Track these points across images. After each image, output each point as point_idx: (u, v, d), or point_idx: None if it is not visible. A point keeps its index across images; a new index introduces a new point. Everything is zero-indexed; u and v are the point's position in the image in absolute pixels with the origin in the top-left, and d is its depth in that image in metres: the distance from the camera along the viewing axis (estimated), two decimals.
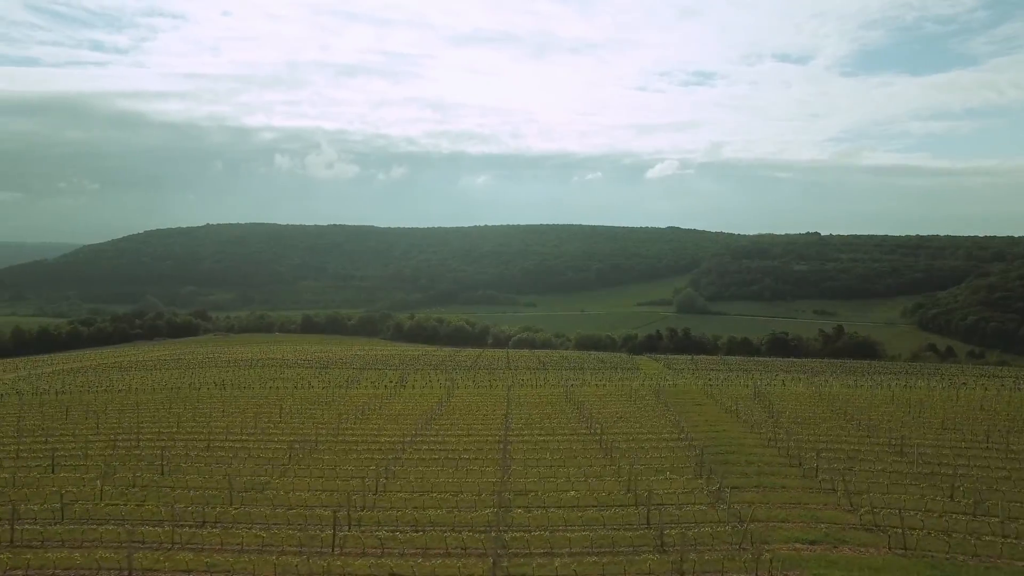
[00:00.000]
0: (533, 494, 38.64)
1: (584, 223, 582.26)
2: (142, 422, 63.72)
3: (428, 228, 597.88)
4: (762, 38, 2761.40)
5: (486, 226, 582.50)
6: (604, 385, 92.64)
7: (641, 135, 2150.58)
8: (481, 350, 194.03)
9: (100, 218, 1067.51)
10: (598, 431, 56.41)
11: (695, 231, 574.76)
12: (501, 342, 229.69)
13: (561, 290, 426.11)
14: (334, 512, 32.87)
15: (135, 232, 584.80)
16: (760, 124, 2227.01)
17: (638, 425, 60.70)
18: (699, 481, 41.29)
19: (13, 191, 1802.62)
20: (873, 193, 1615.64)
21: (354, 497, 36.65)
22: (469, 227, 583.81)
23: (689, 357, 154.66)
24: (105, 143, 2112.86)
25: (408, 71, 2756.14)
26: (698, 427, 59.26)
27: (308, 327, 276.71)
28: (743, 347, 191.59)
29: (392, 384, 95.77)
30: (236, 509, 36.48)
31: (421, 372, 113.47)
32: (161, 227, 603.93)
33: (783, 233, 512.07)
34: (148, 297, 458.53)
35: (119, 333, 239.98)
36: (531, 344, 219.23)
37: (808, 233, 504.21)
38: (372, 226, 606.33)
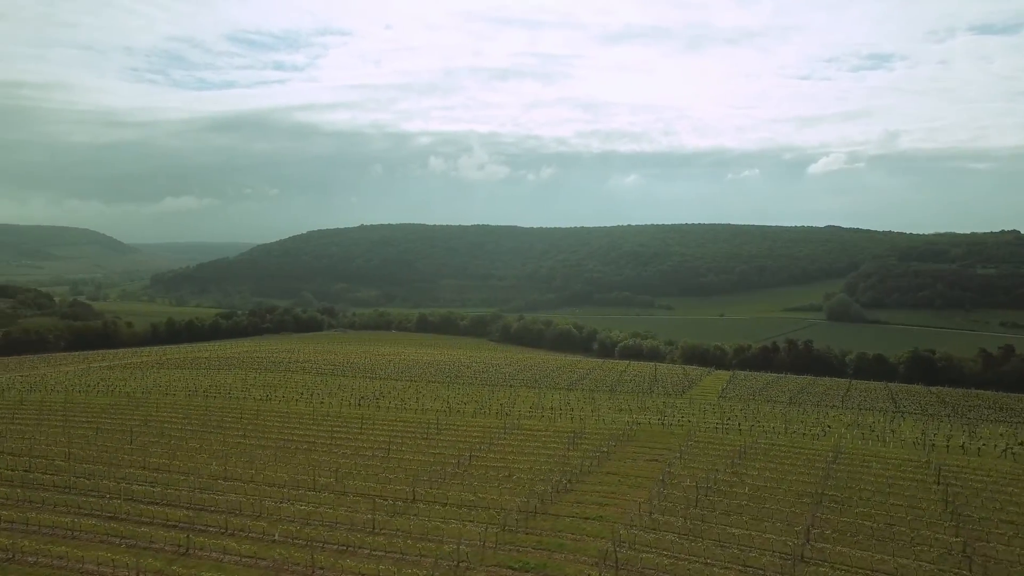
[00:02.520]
0: None
1: (734, 222, 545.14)
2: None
3: (569, 228, 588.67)
4: (955, 9, 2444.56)
5: (627, 226, 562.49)
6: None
7: (804, 128, 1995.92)
8: (581, 359, 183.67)
9: (276, 220, 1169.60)
10: None
11: (858, 230, 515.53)
12: (607, 349, 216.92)
13: (701, 293, 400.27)
14: None
15: (299, 233, 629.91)
16: (949, 108, 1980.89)
17: None
18: None
19: (212, 198, 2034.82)
20: None
21: None
22: (611, 227, 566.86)
23: (808, 378, 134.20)
24: (284, 152, 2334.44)
25: (559, 72, 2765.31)
26: None
27: (423, 326, 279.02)
28: (876, 366, 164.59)
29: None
30: None
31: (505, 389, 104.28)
32: (322, 228, 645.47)
33: (967, 232, 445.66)
34: (304, 293, 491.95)
35: (252, 327, 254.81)
36: (637, 352, 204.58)
37: (1002, 231, 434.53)
38: (515, 226, 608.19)
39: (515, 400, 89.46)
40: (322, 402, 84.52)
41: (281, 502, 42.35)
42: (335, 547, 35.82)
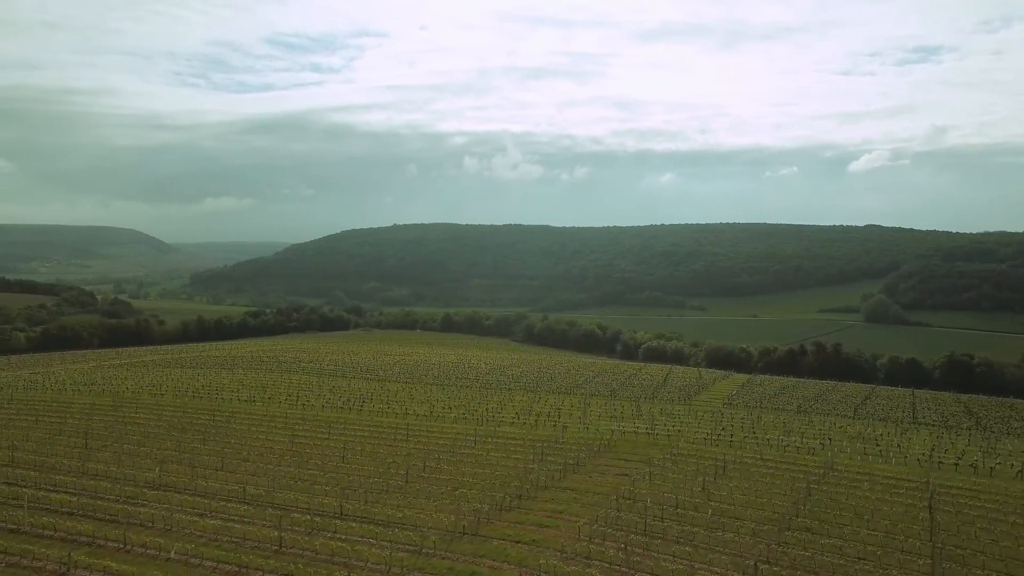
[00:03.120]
0: None
1: (771, 221, 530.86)
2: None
3: (601, 228, 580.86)
4: None
5: (660, 225, 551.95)
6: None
7: (845, 124, 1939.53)
8: (599, 360, 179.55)
9: (313, 220, 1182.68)
10: None
11: (899, 229, 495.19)
12: (631, 350, 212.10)
13: (734, 293, 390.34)
14: None
15: (333, 232, 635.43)
16: (1002, 101, 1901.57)
17: None
18: None
19: (251, 198, 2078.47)
20: None
21: None
22: (643, 226, 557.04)
23: (830, 383, 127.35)
24: (320, 153, 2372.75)
25: (593, 71, 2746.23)
26: None
27: (448, 325, 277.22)
28: (908, 371, 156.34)
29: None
30: None
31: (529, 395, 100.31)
32: (356, 227, 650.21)
33: (1019, 231, 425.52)
34: (336, 292, 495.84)
35: (279, 325, 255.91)
36: (661, 354, 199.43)
37: None
38: (547, 226, 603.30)
39: (506, 404, 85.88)
40: (305, 404, 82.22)
41: (197, 515, 39.53)
42: (229, 568, 32.73)
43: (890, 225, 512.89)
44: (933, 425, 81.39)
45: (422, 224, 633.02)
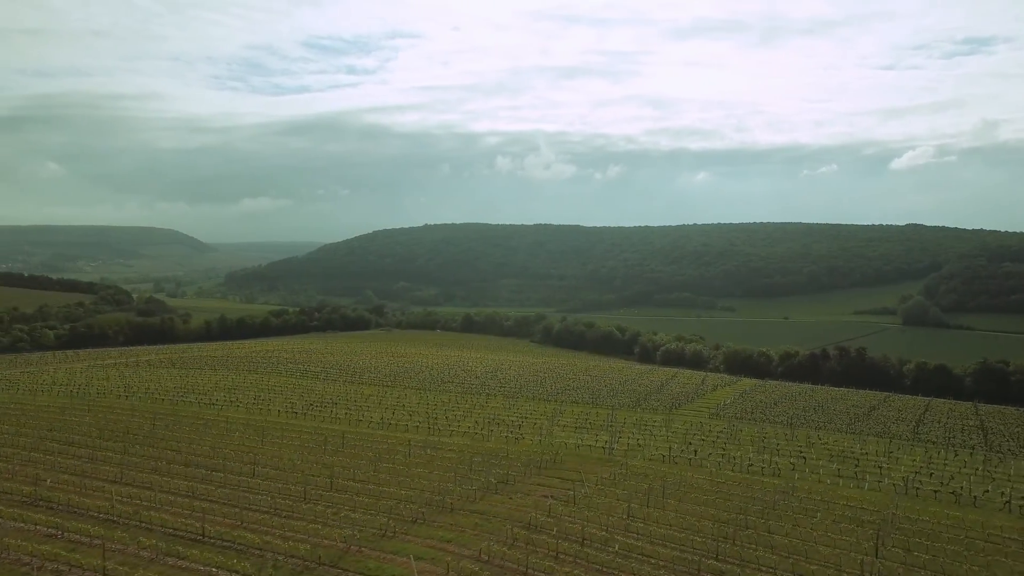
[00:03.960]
0: None
1: (806, 220, 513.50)
2: None
3: (632, 227, 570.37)
4: None
5: (692, 225, 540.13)
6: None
7: (887, 120, 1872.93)
8: (608, 363, 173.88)
9: (347, 219, 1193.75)
10: None
11: (942, 228, 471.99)
12: (648, 352, 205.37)
13: (766, 294, 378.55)
14: None
15: (365, 232, 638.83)
16: None
17: None
18: None
19: (287, 198, 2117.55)
20: None
21: None
22: (675, 226, 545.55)
23: (840, 390, 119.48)
24: (354, 154, 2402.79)
25: (627, 69, 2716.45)
26: None
27: (468, 326, 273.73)
28: (937, 378, 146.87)
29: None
30: None
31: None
32: (388, 227, 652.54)
33: None
34: (366, 291, 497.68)
35: (300, 324, 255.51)
36: (679, 357, 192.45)
37: None
38: (578, 225, 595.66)
39: (475, 411, 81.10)
40: (263, 408, 78.72)
41: (35, 540, 35.74)
42: None
43: (933, 224, 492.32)
44: (934, 442, 73.43)
45: (452, 224, 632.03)
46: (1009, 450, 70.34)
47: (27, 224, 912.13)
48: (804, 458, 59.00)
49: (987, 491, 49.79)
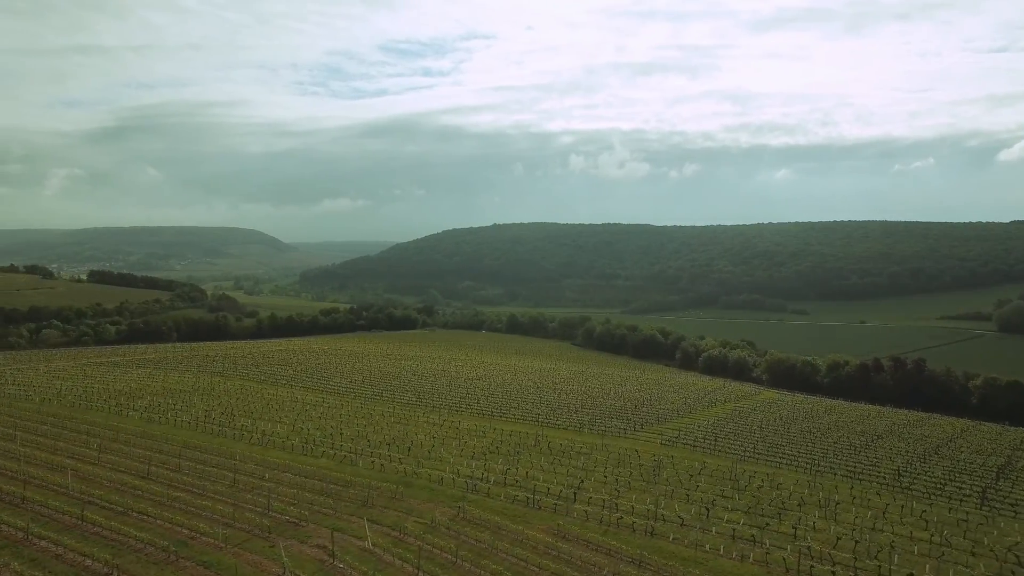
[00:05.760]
0: None
1: (893, 219, 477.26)
2: None
3: (703, 227, 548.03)
4: None
5: (765, 224, 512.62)
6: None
7: (996, 108, 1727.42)
8: (644, 368, 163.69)
9: (423, 219, 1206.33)
10: None
11: None
12: (690, 358, 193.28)
13: (842, 296, 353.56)
14: None
15: (434, 232, 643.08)
16: None
17: None
18: None
19: (365, 199, 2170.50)
20: None
21: None
22: (747, 225, 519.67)
23: (860, 407, 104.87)
24: (431, 155, 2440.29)
25: (705, 64, 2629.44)
26: None
27: (513, 327, 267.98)
28: (1008, 395, 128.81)
29: None
30: None
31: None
32: (457, 227, 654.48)
33: None
34: (431, 290, 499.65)
35: (348, 324, 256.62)
36: (722, 364, 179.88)
37: None
38: (646, 224, 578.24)
39: (391, 426, 73.00)
40: (169, 419, 71.52)
41: None
42: None
43: None
44: (913, 490, 57.48)
45: (521, 223, 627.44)
46: (1010, 505, 53.91)
47: (127, 225, 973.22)
48: (707, 509, 47.62)
49: (967, 568, 37.86)
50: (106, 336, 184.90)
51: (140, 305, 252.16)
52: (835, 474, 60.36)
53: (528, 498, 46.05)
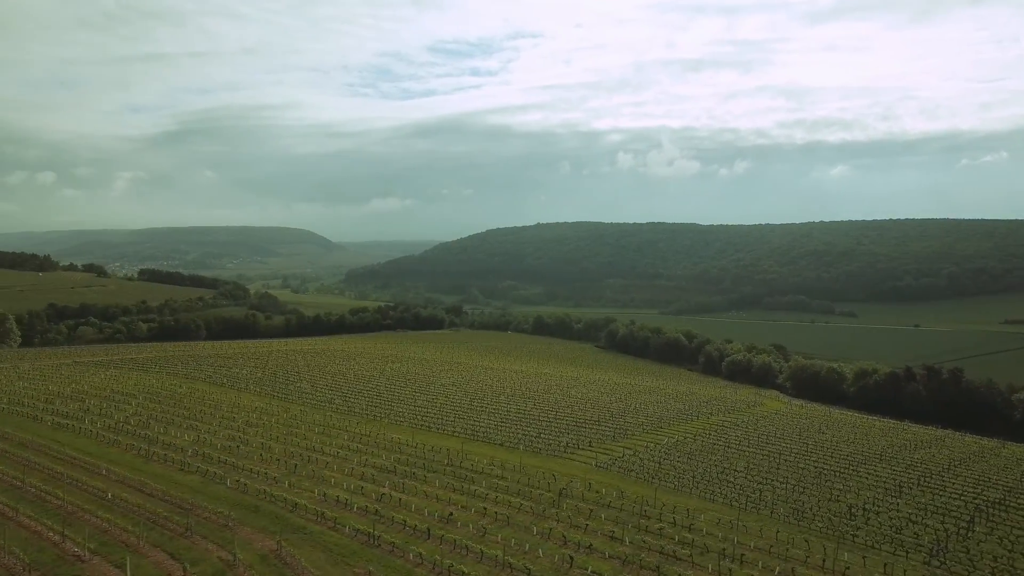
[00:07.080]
0: None
1: (956, 216, 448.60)
2: None
3: (750, 226, 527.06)
4: None
5: (816, 222, 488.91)
6: None
7: None
8: (662, 373, 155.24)
9: (469, 219, 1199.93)
10: None
11: None
12: (713, 363, 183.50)
13: (895, 299, 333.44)
14: None
15: (478, 231, 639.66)
16: None
17: None
18: None
19: (413, 199, 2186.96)
20: None
21: None
22: (797, 224, 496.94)
23: (885, 423, 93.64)
24: (478, 154, 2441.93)
25: (759, 58, 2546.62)
26: None
27: (538, 328, 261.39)
28: None
29: None
30: None
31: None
32: (503, 226, 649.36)
33: None
34: (471, 289, 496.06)
35: (375, 323, 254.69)
36: (746, 370, 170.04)
37: None
38: (692, 223, 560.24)
39: (295, 442, 66.88)
40: (89, 426, 67.57)
41: None
42: None
43: None
44: (855, 538, 46.57)
45: (564, 223, 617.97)
46: (969, 560, 43.25)
47: (185, 226, 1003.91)
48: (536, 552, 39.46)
49: None
50: (138, 333, 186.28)
51: (184, 303, 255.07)
52: (771, 512, 51.12)
53: (369, 533, 39.43)
